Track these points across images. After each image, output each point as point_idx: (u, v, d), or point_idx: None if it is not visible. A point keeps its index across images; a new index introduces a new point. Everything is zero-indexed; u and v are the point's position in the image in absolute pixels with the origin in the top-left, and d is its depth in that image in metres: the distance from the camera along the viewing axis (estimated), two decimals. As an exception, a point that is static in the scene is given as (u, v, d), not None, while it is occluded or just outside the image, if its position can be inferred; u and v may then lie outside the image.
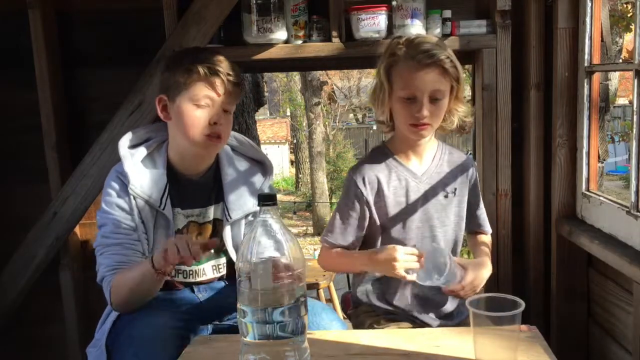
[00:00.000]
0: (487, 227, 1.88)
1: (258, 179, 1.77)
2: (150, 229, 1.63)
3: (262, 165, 1.81)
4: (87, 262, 2.36)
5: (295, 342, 1.21)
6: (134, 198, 1.61)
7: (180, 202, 1.68)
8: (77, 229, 2.29)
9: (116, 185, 1.63)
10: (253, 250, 1.20)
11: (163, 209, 1.63)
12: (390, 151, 1.73)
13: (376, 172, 1.70)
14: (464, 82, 1.67)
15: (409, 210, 1.70)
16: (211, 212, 1.72)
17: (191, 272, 1.71)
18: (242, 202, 1.71)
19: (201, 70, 1.57)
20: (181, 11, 2.10)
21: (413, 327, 1.68)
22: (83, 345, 1.69)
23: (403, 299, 1.72)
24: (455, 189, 1.74)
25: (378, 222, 1.70)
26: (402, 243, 1.66)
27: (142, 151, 1.66)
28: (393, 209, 1.69)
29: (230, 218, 1.70)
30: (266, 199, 1.22)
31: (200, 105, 1.59)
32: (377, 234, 1.72)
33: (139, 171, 1.63)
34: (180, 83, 1.59)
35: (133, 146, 1.68)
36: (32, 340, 2.40)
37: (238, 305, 1.22)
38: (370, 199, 1.69)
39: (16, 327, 2.33)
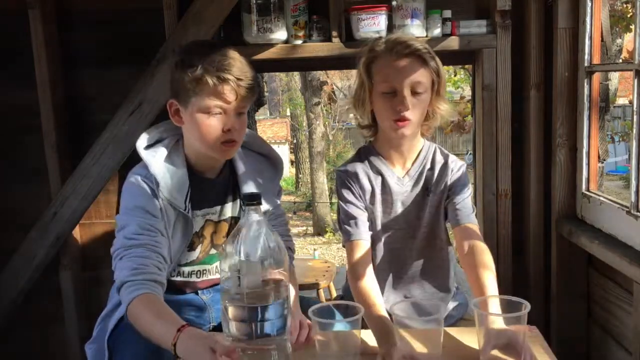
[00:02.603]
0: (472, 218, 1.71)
1: (272, 174, 1.76)
2: (170, 232, 1.59)
3: (273, 160, 1.80)
4: (87, 262, 2.37)
5: (278, 340, 1.22)
6: (162, 200, 1.56)
7: (198, 203, 1.64)
8: (77, 229, 2.29)
9: (145, 187, 1.56)
10: (238, 249, 1.20)
11: (188, 212, 1.59)
12: (376, 151, 1.72)
13: (362, 172, 1.69)
14: (445, 78, 1.64)
15: (394, 209, 1.69)
16: (228, 210, 1.69)
17: (204, 272, 1.70)
18: None
19: (210, 80, 1.50)
20: (181, 11, 2.10)
21: None
22: (83, 345, 1.69)
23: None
24: (436, 188, 1.73)
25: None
26: (384, 243, 1.69)
27: (162, 151, 1.62)
28: (379, 209, 1.69)
29: None
30: (250, 199, 1.23)
31: (212, 114, 1.54)
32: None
33: (164, 173, 1.59)
34: (189, 90, 1.53)
35: (148, 146, 1.63)
36: (32, 340, 2.40)
37: (222, 304, 1.22)
38: (364, 196, 1.68)
39: (16, 327, 2.33)
